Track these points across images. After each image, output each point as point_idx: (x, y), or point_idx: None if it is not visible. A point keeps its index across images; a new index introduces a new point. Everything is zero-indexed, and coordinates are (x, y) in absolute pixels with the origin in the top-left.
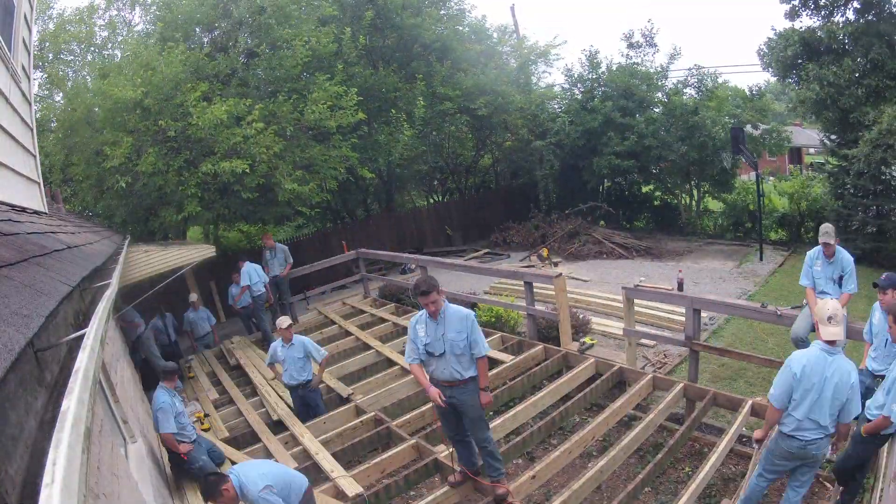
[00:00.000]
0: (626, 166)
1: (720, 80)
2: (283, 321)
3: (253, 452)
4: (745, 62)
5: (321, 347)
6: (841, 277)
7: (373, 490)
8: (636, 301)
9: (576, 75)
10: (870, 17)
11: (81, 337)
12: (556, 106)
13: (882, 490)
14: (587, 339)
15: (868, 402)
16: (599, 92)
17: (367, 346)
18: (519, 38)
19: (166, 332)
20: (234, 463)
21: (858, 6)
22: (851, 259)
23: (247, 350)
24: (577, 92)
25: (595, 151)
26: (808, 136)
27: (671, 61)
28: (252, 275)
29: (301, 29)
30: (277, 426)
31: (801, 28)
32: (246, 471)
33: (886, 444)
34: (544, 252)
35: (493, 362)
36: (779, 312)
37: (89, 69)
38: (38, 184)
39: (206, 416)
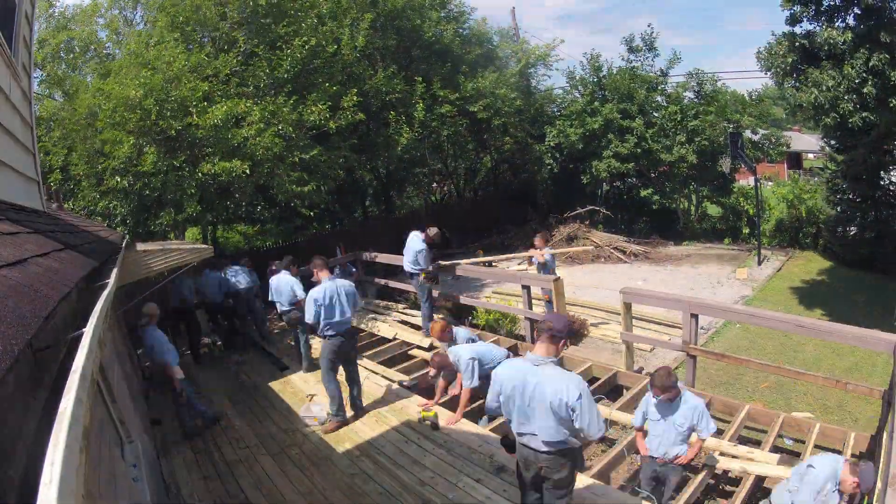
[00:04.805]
0: (625, 169)
1: (719, 84)
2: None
3: None
4: (741, 68)
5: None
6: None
7: None
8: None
9: (577, 78)
10: (871, 23)
11: (79, 337)
12: (555, 109)
13: (879, 492)
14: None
15: None
16: (600, 94)
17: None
18: (519, 40)
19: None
20: None
21: (859, 12)
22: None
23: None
24: (578, 94)
25: (594, 154)
26: (807, 141)
27: (670, 66)
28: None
29: (300, 26)
30: None
31: (801, 32)
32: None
33: (885, 446)
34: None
35: None
36: None
37: (90, 68)
38: (38, 182)
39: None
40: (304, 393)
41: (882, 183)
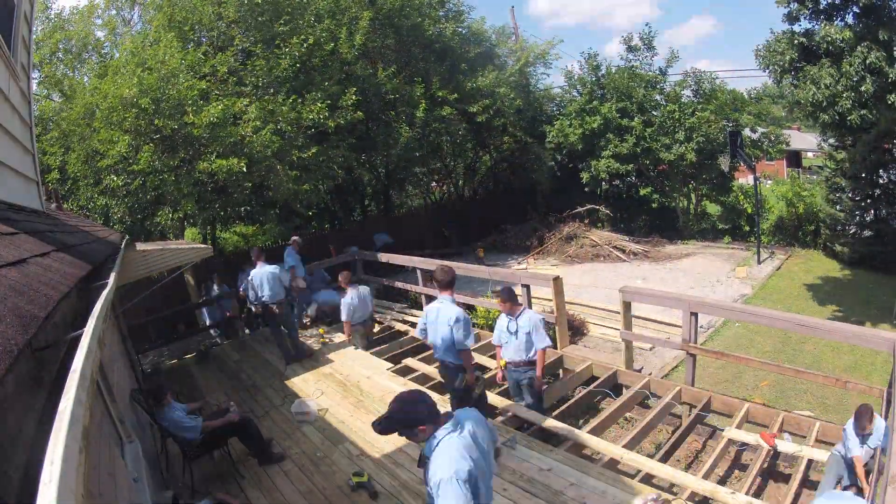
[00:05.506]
0: (624, 170)
1: (717, 83)
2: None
3: None
4: (740, 67)
5: None
6: None
7: None
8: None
9: (576, 77)
10: (870, 22)
11: (79, 337)
12: (554, 108)
13: (879, 492)
14: None
15: None
16: (599, 94)
17: None
18: (518, 40)
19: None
20: None
21: (858, 10)
22: None
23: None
24: (577, 94)
25: (593, 154)
26: (806, 139)
27: (669, 65)
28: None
29: (297, 23)
30: None
31: (799, 30)
32: None
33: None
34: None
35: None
36: None
37: (87, 69)
38: (37, 182)
39: None
40: (305, 392)
41: (881, 181)
